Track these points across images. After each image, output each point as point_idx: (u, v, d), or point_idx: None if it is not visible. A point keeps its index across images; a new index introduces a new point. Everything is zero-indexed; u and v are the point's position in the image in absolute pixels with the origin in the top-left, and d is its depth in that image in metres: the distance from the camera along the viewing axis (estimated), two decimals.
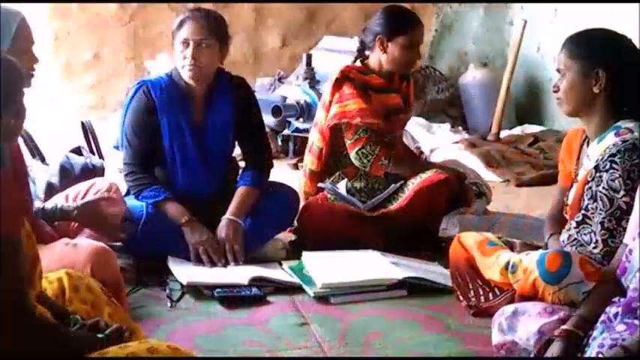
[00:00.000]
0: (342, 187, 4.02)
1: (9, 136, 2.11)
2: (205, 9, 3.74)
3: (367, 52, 4.08)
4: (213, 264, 3.58)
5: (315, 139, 4.12)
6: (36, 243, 2.11)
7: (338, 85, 3.98)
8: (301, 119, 5.99)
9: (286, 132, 6.13)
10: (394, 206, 3.92)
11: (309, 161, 4.13)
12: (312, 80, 6.07)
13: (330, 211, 3.87)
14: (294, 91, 6.09)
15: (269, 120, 5.75)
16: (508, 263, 2.89)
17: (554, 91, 2.93)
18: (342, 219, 3.86)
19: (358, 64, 4.08)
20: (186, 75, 3.65)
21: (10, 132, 2.08)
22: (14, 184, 2.05)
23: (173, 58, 3.75)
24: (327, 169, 4.09)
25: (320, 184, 4.07)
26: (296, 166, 5.75)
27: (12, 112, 2.06)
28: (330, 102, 4.00)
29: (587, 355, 2.37)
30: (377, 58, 4.02)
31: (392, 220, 3.88)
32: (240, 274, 3.46)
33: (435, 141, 5.98)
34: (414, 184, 3.93)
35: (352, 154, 3.97)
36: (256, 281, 3.40)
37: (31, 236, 2.04)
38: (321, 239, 3.79)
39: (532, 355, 2.59)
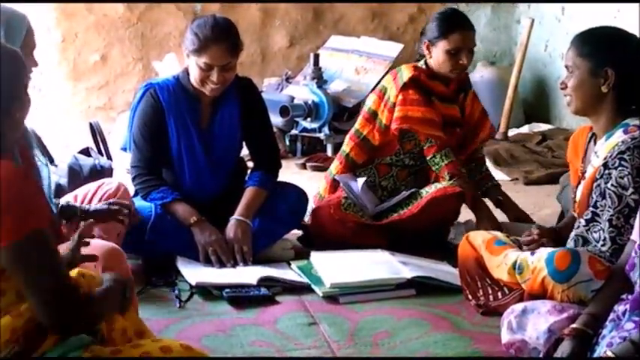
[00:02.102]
0: (360, 182, 3.98)
1: (16, 128, 2.10)
2: (222, 25, 3.62)
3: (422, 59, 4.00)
4: (222, 264, 3.58)
5: (364, 132, 4.06)
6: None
7: (405, 87, 3.91)
8: (309, 119, 5.99)
9: (294, 132, 6.14)
10: (404, 212, 3.88)
11: (355, 154, 4.07)
12: (320, 80, 6.07)
13: (338, 220, 3.84)
14: (302, 91, 6.10)
15: (277, 120, 5.76)
16: (515, 263, 2.88)
17: (562, 88, 2.92)
18: (350, 228, 3.83)
19: (422, 63, 3.99)
20: (208, 92, 3.64)
21: (17, 124, 2.08)
22: (30, 178, 2.06)
23: (181, 60, 3.73)
24: (364, 162, 4.08)
25: (335, 176, 4.07)
26: (304, 166, 5.75)
27: (20, 104, 2.06)
28: (394, 104, 3.93)
29: (596, 353, 2.37)
30: (429, 62, 3.97)
31: (399, 227, 3.86)
32: (248, 274, 3.46)
33: None
34: (427, 192, 3.89)
35: (428, 160, 3.95)
36: (265, 281, 3.40)
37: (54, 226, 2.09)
38: (328, 243, 3.79)
39: (542, 354, 2.58)
